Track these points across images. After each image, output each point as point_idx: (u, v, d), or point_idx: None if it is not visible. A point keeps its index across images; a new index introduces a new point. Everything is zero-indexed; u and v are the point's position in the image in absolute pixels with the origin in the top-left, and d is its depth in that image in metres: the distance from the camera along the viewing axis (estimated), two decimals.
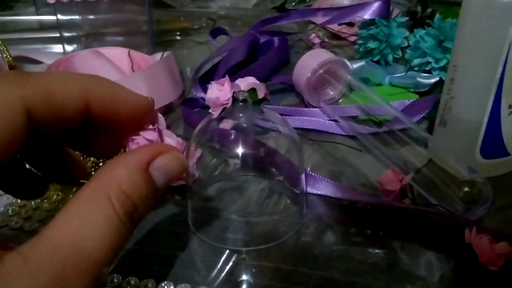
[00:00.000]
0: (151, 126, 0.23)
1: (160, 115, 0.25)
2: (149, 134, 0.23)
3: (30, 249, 0.16)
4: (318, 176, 0.41)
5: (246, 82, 0.34)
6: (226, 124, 0.39)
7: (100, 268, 0.17)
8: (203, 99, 0.48)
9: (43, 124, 0.19)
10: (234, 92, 0.34)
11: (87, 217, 0.17)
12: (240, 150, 0.40)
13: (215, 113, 0.34)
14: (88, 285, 0.17)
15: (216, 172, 0.42)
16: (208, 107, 0.35)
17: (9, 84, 0.18)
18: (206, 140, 0.41)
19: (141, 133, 0.23)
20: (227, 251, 0.35)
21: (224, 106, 0.34)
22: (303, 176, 0.39)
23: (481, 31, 0.37)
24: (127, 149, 0.23)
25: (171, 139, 0.26)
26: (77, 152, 0.27)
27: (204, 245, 0.36)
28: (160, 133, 0.24)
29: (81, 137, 0.24)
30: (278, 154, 0.41)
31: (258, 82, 0.34)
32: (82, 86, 0.20)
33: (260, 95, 0.34)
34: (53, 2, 0.60)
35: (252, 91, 0.34)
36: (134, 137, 0.23)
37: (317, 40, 0.72)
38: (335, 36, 0.76)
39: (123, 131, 0.24)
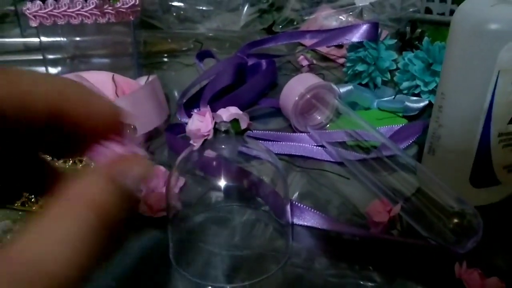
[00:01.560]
0: (119, 139, 0.23)
1: (135, 136, 0.24)
2: (117, 147, 0.23)
3: None
4: (304, 206, 0.40)
5: (228, 113, 0.33)
6: (210, 153, 0.38)
7: (59, 282, 0.16)
8: None
9: (9, 119, 0.19)
10: (216, 123, 0.33)
11: (55, 229, 0.17)
12: (223, 180, 0.39)
13: (196, 144, 0.33)
14: None
15: (199, 202, 0.41)
16: None
17: None
18: (189, 168, 0.40)
19: (108, 145, 0.22)
20: None
21: (205, 137, 0.33)
22: (288, 206, 0.38)
23: (469, 59, 0.36)
24: (93, 158, 0.23)
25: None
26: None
27: (185, 282, 0.34)
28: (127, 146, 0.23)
29: (48, 138, 0.23)
30: (263, 184, 0.40)
31: (240, 112, 0.33)
32: (54, 87, 0.20)
33: (243, 125, 0.34)
34: (36, 25, 0.59)
35: (235, 121, 0.33)
36: (101, 148, 0.22)
37: (305, 62, 0.72)
38: (323, 58, 0.76)
39: (91, 137, 0.23)
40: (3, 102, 0.18)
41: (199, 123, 0.32)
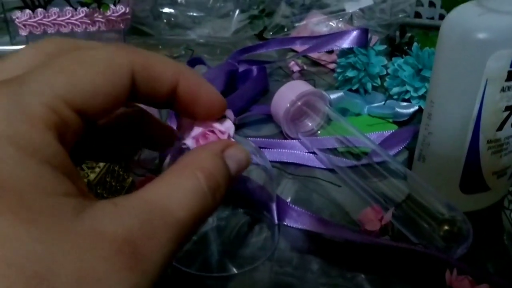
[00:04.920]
0: (218, 125, 0.25)
1: (230, 121, 0.26)
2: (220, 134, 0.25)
3: (120, 199, 0.17)
4: (298, 208, 0.41)
5: None
6: None
7: (184, 231, 0.18)
8: None
9: (139, 94, 0.21)
10: None
11: (176, 183, 0.19)
12: None
13: (188, 144, 0.34)
14: (173, 243, 0.17)
15: None
16: None
17: (118, 48, 0.20)
18: None
19: (214, 128, 0.24)
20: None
21: (186, 142, 0.33)
22: (274, 203, 0.39)
23: (457, 68, 0.36)
24: (199, 143, 0.25)
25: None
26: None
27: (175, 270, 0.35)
28: (228, 136, 0.25)
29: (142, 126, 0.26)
30: (250, 180, 0.41)
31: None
32: (175, 67, 0.22)
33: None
34: (26, 34, 0.59)
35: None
36: (207, 133, 0.24)
37: (296, 68, 0.72)
38: (314, 63, 0.76)
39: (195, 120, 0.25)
40: (138, 75, 0.20)
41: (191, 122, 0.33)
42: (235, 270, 0.36)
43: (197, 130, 0.24)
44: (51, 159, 0.16)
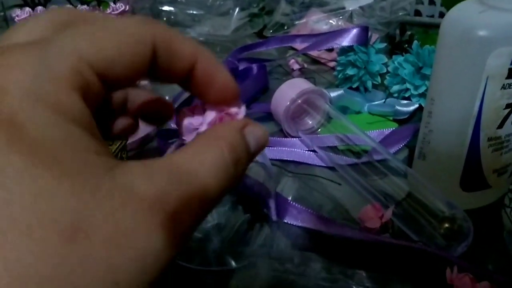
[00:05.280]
0: (234, 109, 0.25)
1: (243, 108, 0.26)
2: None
3: (149, 161, 0.17)
4: (299, 206, 0.41)
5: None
6: None
7: (210, 198, 0.18)
8: None
9: (158, 68, 0.21)
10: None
11: (202, 152, 0.19)
12: None
13: (188, 139, 0.34)
14: (200, 208, 0.17)
15: None
16: None
17: (142, 20, 0.20)
18: None
19: (230, 111, 0.24)
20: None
21: (197, 130, 0.33)
22: (273, 199, 0.39)
23: (458, 65, 0.36)
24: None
25: None
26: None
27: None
28: None
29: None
30: (249, 177, 0.41)
31: None
32: (194, 46, 0.22)
33: None
34: None
35: None
36: (224, 116, 0.24)
37: (296, 66, 0.72)
38: (314, 61, 0.76)
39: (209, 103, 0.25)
40: (159, 48, 0.20)
41: (190, 117, 0.32)
42: (234, 264, 0.36)
43: (210, 115, 0.24)
44: (78, 118, 0.16)
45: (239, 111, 0.25)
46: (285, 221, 0.41)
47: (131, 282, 0.15)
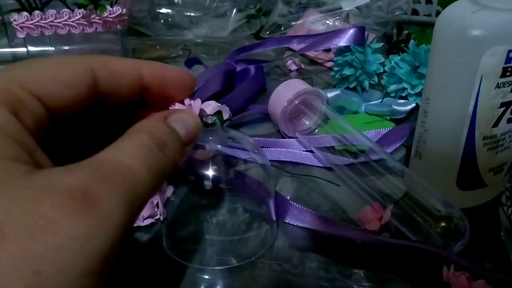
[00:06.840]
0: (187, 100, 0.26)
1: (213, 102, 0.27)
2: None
3: (71, 164, 0.18)
4: (298, 205, 0.41)
5: (210, 106, 0.34)
6: (202, 155, 0.38)
7: (139, 179, 0.18)
8: None
9: (103, 92, 0.22)
10: (202, 117, 0.33)
11: (121, 142, 0.20)
12: (211, 170, 0.39)
13: None
14: (129, 189, 0.17)
15: (189, 191, 0.42)
16: None
17: (77, 54, 0.23)
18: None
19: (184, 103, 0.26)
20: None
21: None
22: (272, 199, 0.39)
23: (452, 65, 0.36)
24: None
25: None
26: None
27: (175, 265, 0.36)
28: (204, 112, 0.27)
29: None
30: (248, 177, 0.41)
31: (219, 104, 0.35)
32: (135, 61, 0.23)
33: (225, 116, 0.35)
34: (23, 36, 0.59)
35: (219, 113, 0.34)
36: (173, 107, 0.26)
37: (293, 67, 0.72)
38: (311, 62, 0.76)
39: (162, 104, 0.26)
40: (98, 72, 0.21)
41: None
42: (234, 263, 0.36)
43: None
44: (2, 127, 0.17)
45: (196, 101, 0.26)
46: (286, 221, 0.41)
47: (56, 269, 0.15)
